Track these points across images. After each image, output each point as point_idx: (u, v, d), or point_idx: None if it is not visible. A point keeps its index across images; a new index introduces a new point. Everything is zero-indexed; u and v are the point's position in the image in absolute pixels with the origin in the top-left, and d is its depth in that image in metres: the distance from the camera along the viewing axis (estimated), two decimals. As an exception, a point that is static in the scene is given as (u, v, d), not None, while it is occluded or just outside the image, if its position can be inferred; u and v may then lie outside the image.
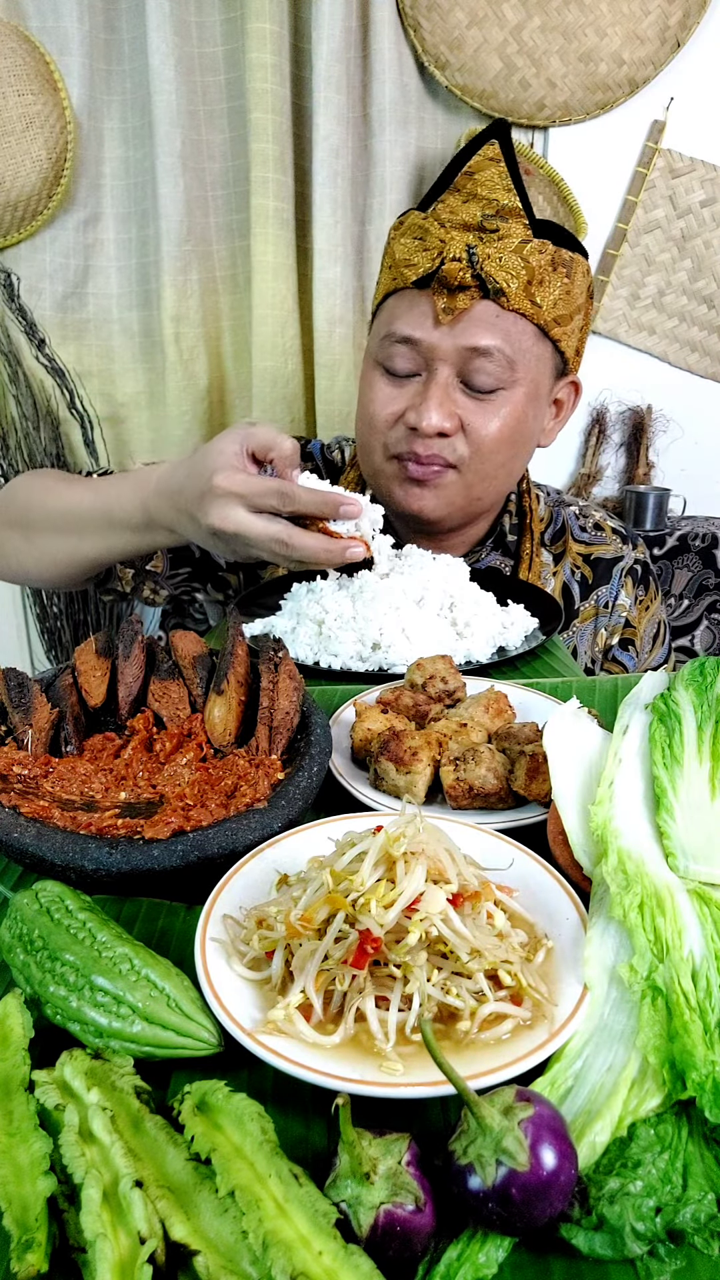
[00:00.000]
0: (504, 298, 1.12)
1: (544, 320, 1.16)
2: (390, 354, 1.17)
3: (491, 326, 1.13)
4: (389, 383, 1.19)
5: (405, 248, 1.16)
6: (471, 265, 1.11)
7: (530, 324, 1.15)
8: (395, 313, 1.17)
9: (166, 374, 2.15)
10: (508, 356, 1.14)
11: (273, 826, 0.62)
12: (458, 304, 1.12)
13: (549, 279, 1.15)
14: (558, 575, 1.34)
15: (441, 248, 1.12)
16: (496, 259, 1.11)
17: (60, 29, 1.96)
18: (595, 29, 2.01)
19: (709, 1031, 0.46)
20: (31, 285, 2.11)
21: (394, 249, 1.18)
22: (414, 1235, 0.39)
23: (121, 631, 0.80)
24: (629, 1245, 0.39)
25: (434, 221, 1.14)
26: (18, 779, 0.67)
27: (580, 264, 1.19)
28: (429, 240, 1.14)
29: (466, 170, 1.14)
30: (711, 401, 2.40)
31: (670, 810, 0.58)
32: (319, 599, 1.06)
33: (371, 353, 1.23)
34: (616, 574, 1.34)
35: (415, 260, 1.14)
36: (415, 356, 1.16)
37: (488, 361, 1.13)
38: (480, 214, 1.13)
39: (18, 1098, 0.44)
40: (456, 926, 0.49)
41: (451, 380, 1.15)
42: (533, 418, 1.21)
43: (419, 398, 1.16)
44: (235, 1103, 0.42)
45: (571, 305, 1.19)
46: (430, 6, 1.98)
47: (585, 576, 1.34)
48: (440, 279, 1.11)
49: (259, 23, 1.89)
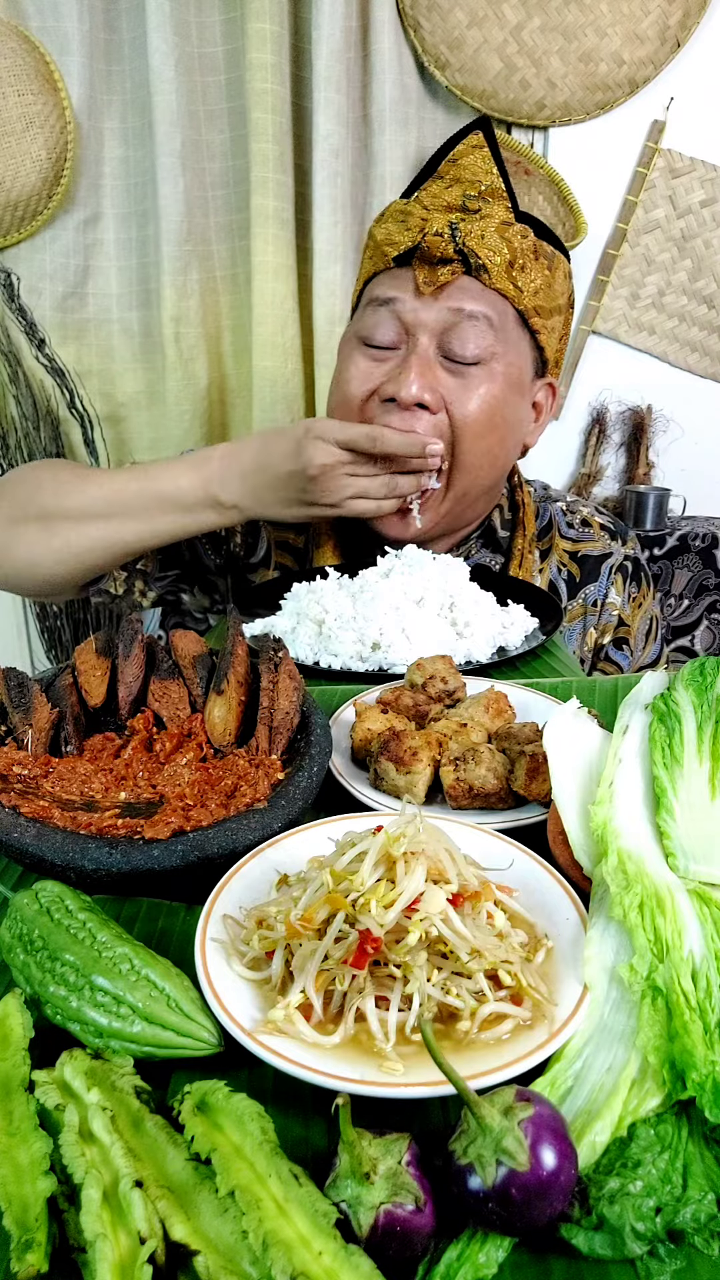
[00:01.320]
0: (486, 274, 1.11)
1: (524, 306, 1.14)
2: (371, 323, 1.16)
3: (475, 296, 1.13)
4: (367, 357, 1.17)
5: (385, 231, 1.16)
6: (454, 239, 1.10)
7: (512, 307, 1.14)
8: (375, 288, 1.17)
9: (166, 374, 2.15)
10: (491, 321, 1.12)
11: (273, 826, 0.62)
12: (439, 277, 1.11)
13: (530, 265, 1.13)
14: (544, 573, 1.31)
15: (423, 224, 1.12)
16: (479, 235, 1.10)
17: (60, 29, 1.97)
18: (595, 29, 2.01)
19: (709, 1031, 0.46)
20: (31, 285, 2.11)
21: (375, 235, 1.18)
22: (414, 1235, 0.39)
23: (121, 631, 0.80)
24: (629, 1245, 0.39)
25: (416, 205, 1.15)
26: (18, 779, 0.67)
27: (561, 264, 1.18)
28: (410, 220, 1.13)
29: (450, 158, 1.15)
30: (711, 401, 2.40)
31: (670, 810, 0.58)
32: (319, 599, 1.06)
33: (350, 331, 1.22)
34: (605, 571, 1.31)
35: (396, 239, 1.13)
36: (396, 325, 1.15)
37: (471, 326, 1.12)
38: (463, 195, 1.13)
39: (18, 1098, 0.44)
40: (456, 926, 0.49)
41: (432, 352, 1.14)
42: (513, 406, 1.19)
43: (398, 369, 1.14)
44: (235, 1103, 0.42)
45: (552, 301, 1.17)
46: (430, 6, 1.98)
47: (572, 574, 1.31)
48: (422, 252, 1.11)
49: (259, 23, 1.89)
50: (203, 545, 1.32)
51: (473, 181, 1.14)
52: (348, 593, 1.06)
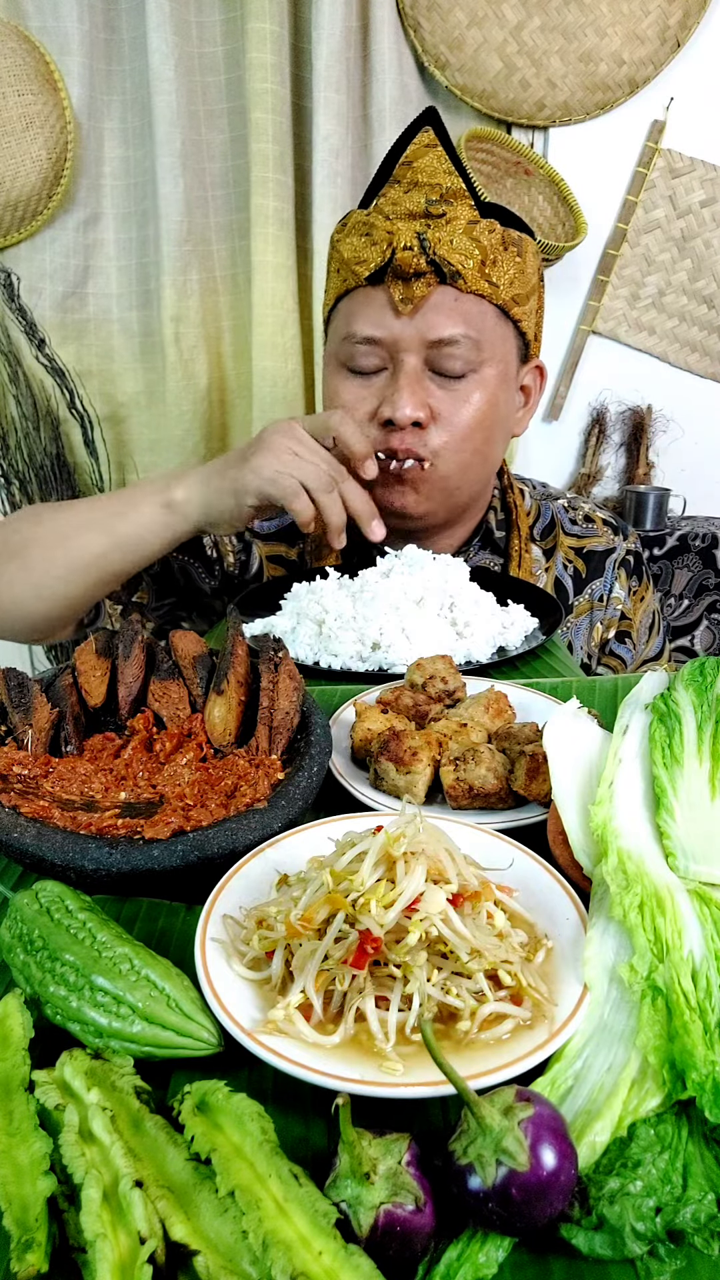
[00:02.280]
0: (461, 280, 1.11)
1: (503, 300, 1.15)
2: (353, 354, 1.16)
3: (452, 313, 1.12)
4: (356, 383, 1.18)
5: (352, 246, 1.14)
6: (424, 251, 1.09)
7: (490, 305, 1.14)
8: (352, 313, 1.16)
9: (166, 374, 2.15)
10: (473, 339, 1.13)
11: (273, 826, 0.62)
12: (415, 292, 1.11)
13: (501, 258, 1.13)
14: (550, 570, 1.32)
15: (390, 239, 1.10)
16: (448, 242, 1.09)
17: (60, 29, 1.97)
18: (595, 29, 2.01)
19: (709, 1031, 0.46)
20: (31, 285, 2.11)
21: (340, 250, 1.16)
22: (414, 1235, 0.39)
23: (121, 631, 0.80)
24: (629, 1245, 0.39)
25: (378, 215, 1.13)
26: (18, 779, 0.67)
27: (529, 244, 1.18)
28: (376, 234, 1.12)
29: (404, 161, 1.14)
30: (711, 401, 2.40)
31: (670, 810, 0.58)
32: (319, 599, 1.06)
33: (332, 356, 1.21)
34: (609, 566, 1.32)
35: (364, 256, 1.12)
36: (380, 352, 1.15)
37: (454, 349, 1.13)
38: (424, 200, 1.11)
39: (18, 1098, 0.44)
40: (456, 926, 0.49)
41: (420, 368, 1.14)
42: (505, 401, 1.20)
43: (389, 390, 1.15)
44: (235, 1103, 0.42)
45: (526, 285, 1.18)
46: (430, 6, 1.98)
47: (578, 570, 1.32)
48: (394, 270, 1.10)
49: (259, 23, 1.89)
50: (196, 569, 1.32)
51: (432, 185, 1.12)
52: (348, 593, 1.06)
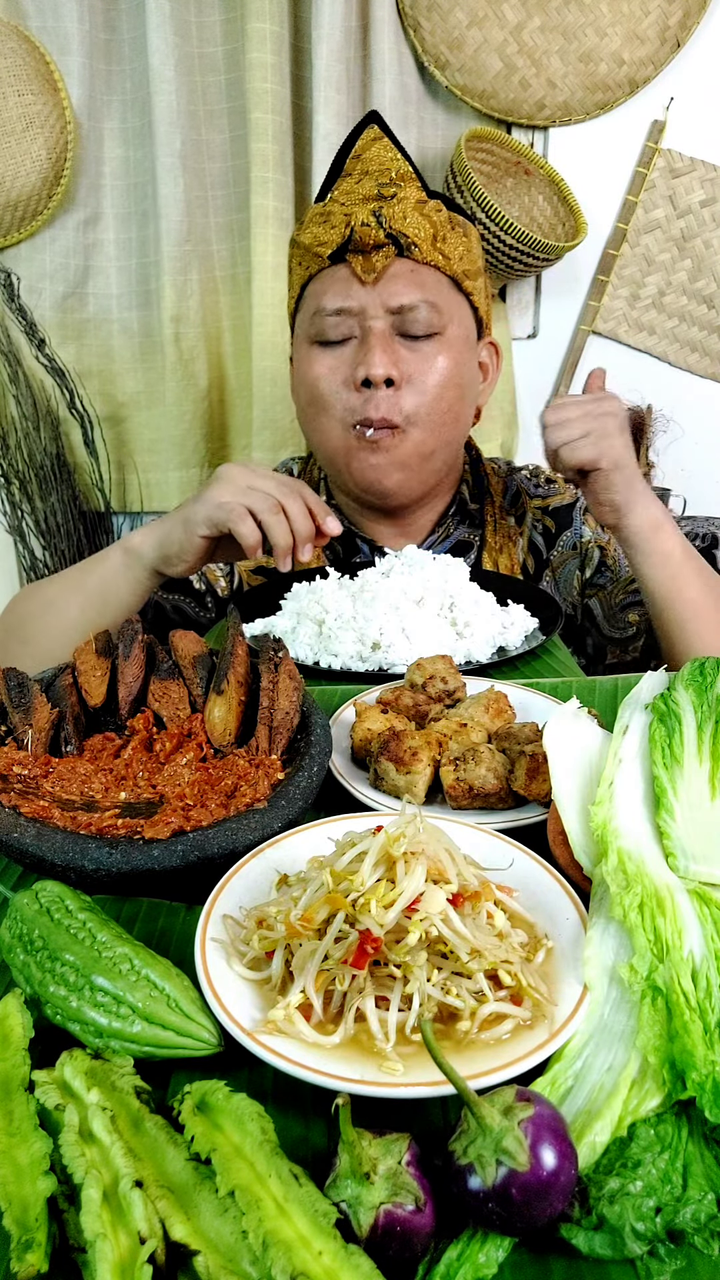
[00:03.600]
0: (417, 249, 1.19)
1: (455, 272, 1.24)
2: (323, 327, 1.23)
3: (410, 280, 1.20)
4: (328, 354, 1.24)
5: (312, 234, 1.22)
6: (381, 225, 1.18)
7: (444, 275, 1.23)
8: (319, 291, 1.23)
9: (166, 374, 2.15)
10: (431, 303, 1.21)
11: (273, 826, 0.62)
12: (375, 264, 1.19)
13: (450, 235, 1.23)
14: (524, 534, 1.39)
15: (347, 219, 1.19)
16: (401, 217, 1.19)
17: (60, 29, 1.96)
18: (595, 29, 2.01)
19: (709, 1031, 0.46)
20: (31, 285, 2.10)
21: (301, 241, 1.24)
22: (414, 1235, 0.39)
23: (121, 631, 0.80)
24: (629, 1245, 0.39)
25: (334, 204, 1.22)
26: (18, 779, 0.67)
27: (472, 230, 1.28)
28: (333, 219, 1.20)
29: (354, 155, 1.23)
30: (711, 401, 2.40)
31: (670, 810, 0.58)
32: (319, 599, 1.06)
33: (302, 337, 1.28)
34: (575, 515, 1.39)
35: (325, 239, 1.21)
36: (348, 322, 1.22)
37: (417, 312, 1.20)
38: (376, 185, 1.20)
39: (18, 1098, 0.44)
40: (456, 926, 0.49)
41: (388, 330, 1.21)
42: (468, 364, 1.28)
43: (361, 352, 1.21)
44: (235, 1103, 0.42)
45: (474, 264, 1.27)
46: (430, 6, 1.98)
47: (548, 527, 1.39)
48: (354, 244, 1.18)
49: (259, 23, 1.89)
50: (188, 605, 1.36)
51: (382, 170, 1.21)
52: (348, 593, 1.06)
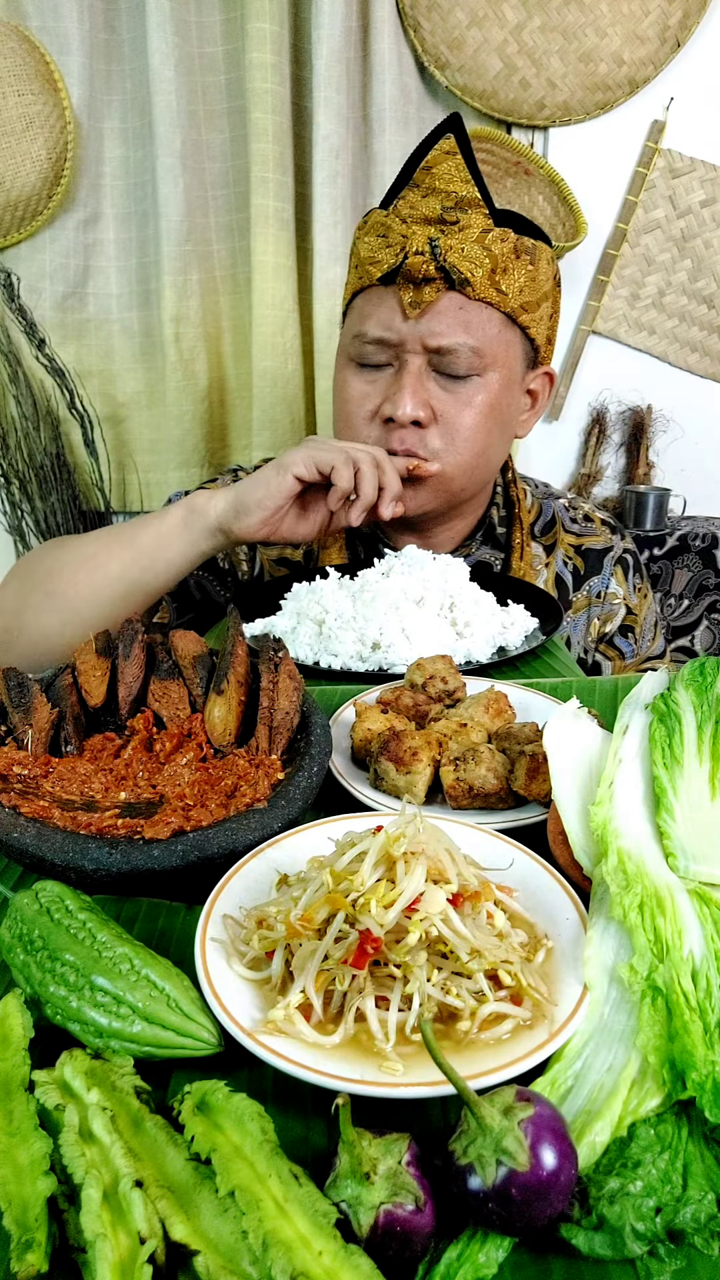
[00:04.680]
0: (469, 287, 1.13)
1: (510, 308, 1.17)
2: (362, 351, 1.20)
3: (455, 320, 1.15)
4: (362, 378, 1.21)
5: (369, 246, 1.18)
6: (434, 258, 1.12)
7: (497, 312, 1.17)
8: (364, 312, 1.20)
9: (166, 374, 2.15)
10: (472, 348, 1.16)
11: (273, 826, 0.62)
12: (424, 297, 1.14)
13: (512, 266, 1.16)
14: (550, 566, 1.35)
15: (404, 243, 1.13)
16: (459, 250, 1.12)
17: (60, 29, 1.97)
18: (595, 29, 2.01)
19: (709, 1031, 0.46)
20: (31, 285, 2.11)
21: (359, 248, 1.20)
22: (414, 1235, 0.39)
23: (121, 631, 0.80)
24: (629, 1245, 0.39)
25: (395, 218, 1.16)
26: (18, 779, 0.67)
27: (544, 251, 1.20)
28: (391, 237, 1.15)
29: (424, 166, 1.16)
30: (711, 401, 2.40)
31: (670, 810, 0.58)
32: (319, 599, 1.06)
33: (344, 349, 1.25)
34: (607, 564, 1.36)
35: (379, 257, 1.16)
36: (386, 351, 1.19)
37: (456, 356, 1.16)
38: (440, 207, 1.14)
39: (18, 1098, 0.44)
40: (456, 926, 0.49)
41: (424, 369, 1.17)
42: (507, 405, 1.23)
43: (393, 389, 1.18)
44: (235, 1103, 0.42)
45: (537, 292, 1.20)
46: (430, 6, 1.98)
47: (577, 567, 1.35)
48: (405, 273, 1.13)
49: (259, 23, 1.89)
50: (210, 583, 1.34)
51: (448, 193, 1.14)
52: (348, 593, 1.06)
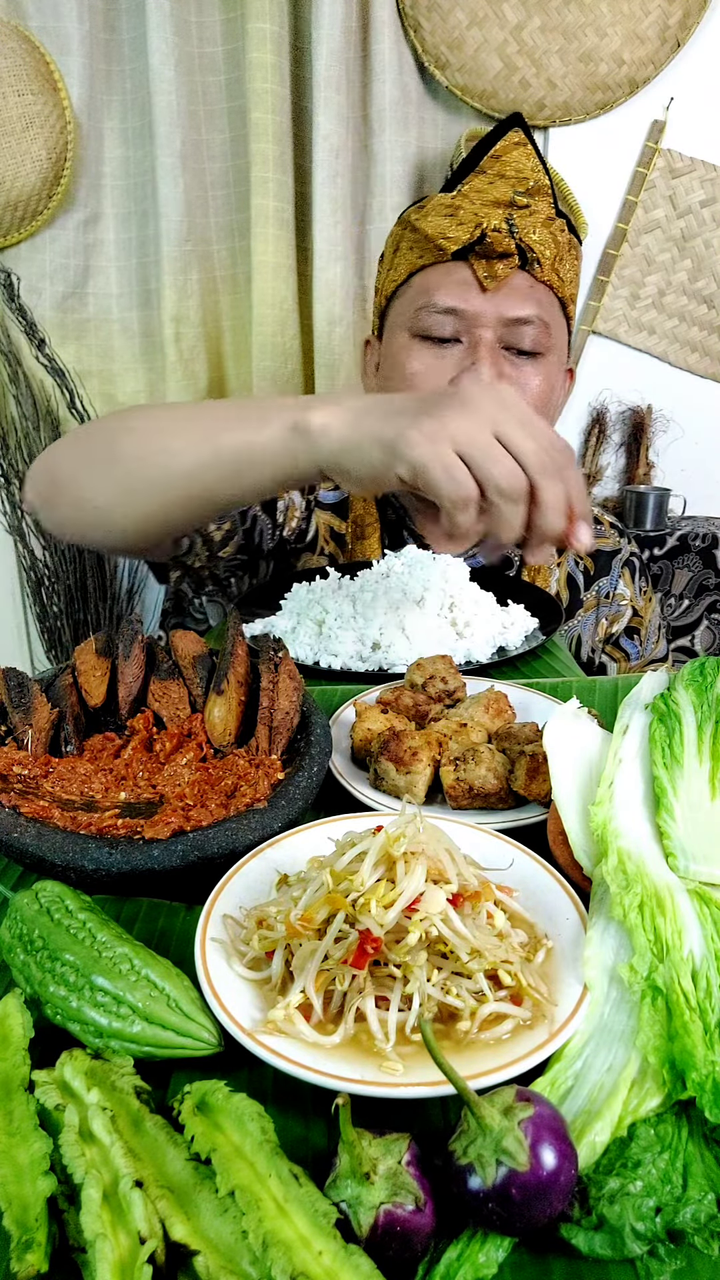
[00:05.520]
0: (538, 267, 1.18)
1: (565, 295, 1.23)
2: (429, 324, 1.21)
3: (529, 295, 1.19)
4: (430, 351, 1.22)
5: (436, 225, 1.20)
6: (512, 235, 1.16)
7: (555, 296, 1.22)
8: (433, 285, 1.21)
9: (166, 374, 2.15)
10: (545, 322, 1.20)
11: (273, 826, 0.62)
12: (498, 271, 1.17)
13: (566, 258, 1.22)
14: (562, 566, 1.37)
15: (478, 220, 1.17)
16: (531, 231, 1.18)
17: (60, 29, 1.96)
18: (595, 29, 2.01)
19: (709, 1031, 0.46)
20: (31, 285, 2.11)
21: (423, 228, 1.21)
22: (414, 1235, 0.39)
23: (121, 631, 0.80)
24: (629, 1245, 0.39)
25: (464, 200, 1.19)
26: (18, 779, 0.67)
27: (580, 252, 1.26)
28: (462, 215, 1.18)
29: (493, 154, 1.19)
30: (711, 401, 2.40)
31: (670, 810, 0.58)
32: (319, 599, 1.06)
33: (402, 326, 1.25)
34: (615, 566, 1.38)
35: (451, 234, 1.18)
36: (457, 323, 1.20)
37: (529, 328, 1.19)
38: (511, 192, 1.18)
39: (18, 1098, 0.44)
40: (456, 926, 0.49)
41: (496, 343, 1.20)
42: (557, 391, 1.27)
43: (467, 361, 1.20)
44: (235, 1103, 0.42)
45: (577, 288, 1.26)
46: (430, 6, 1.98)
47: (587, 568, 1.38)
48: (483, 248, 1.17)
49: (259, 23, 1.89)
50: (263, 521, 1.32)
51: (520, 178, 1.19)
52: (347, 592, 1.06)
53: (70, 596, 2.25)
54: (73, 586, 2.23)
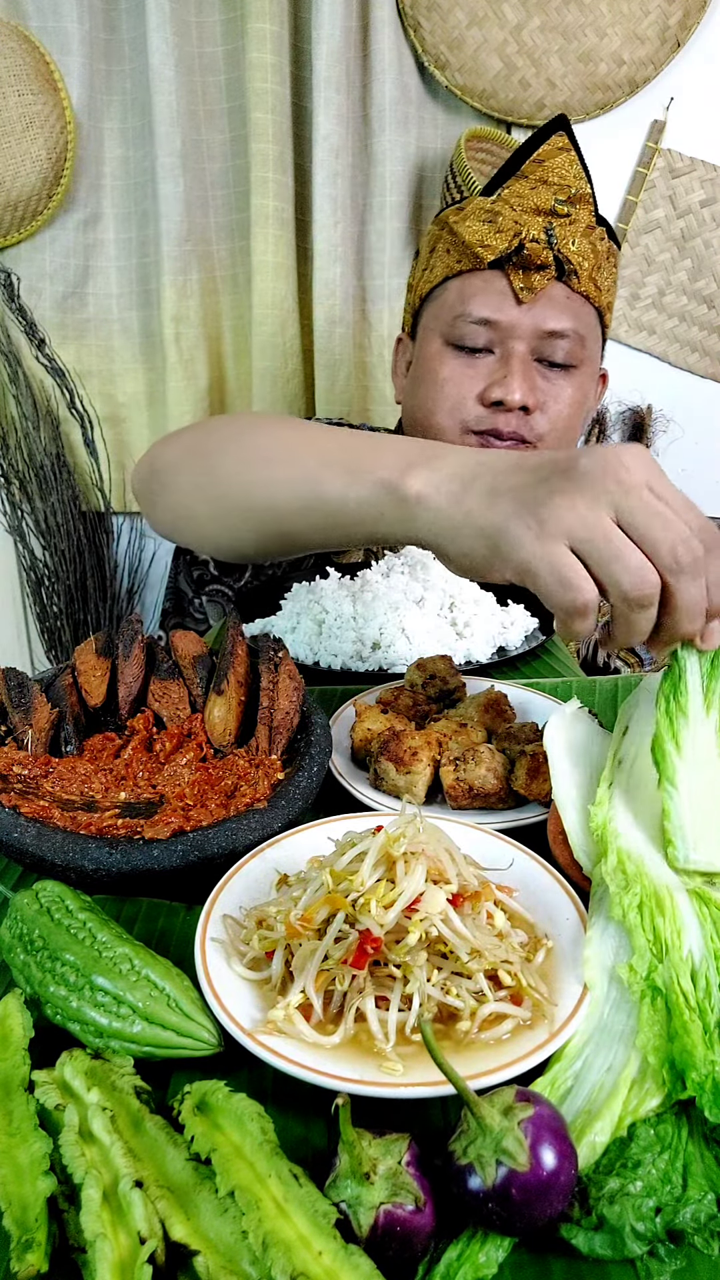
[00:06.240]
0: (575, 278, 1.17)
1: (602, 304, 1.22)
2: (463, 333, 1.20)
3: (564, 307, 1.18)
4: (462, 361, 1.22)
5: (474, 231, 1.18)
6: (550, 246, 1.15)
7: (592, 307, 1.21)
8: (469, 294, 1.20)
9: (166, 374, 2.15)
10: (580, 335, 1.19)
11: (273, 826, 0.62)
12: (535, 283, 1.16)
13: (604, 266, 1.21)
14: None
15: (517, 229, 1.15)
16: (570, 241, 1.16)
17: (60, 29, 1.96)
18: (595, 29, 2.01)
19: (708, 1031, 0.46)
20: (31, 285, 2.11)
21: (460, 233, 1.20)
22: (414, 1235, 0.39)
23: (121, 631, 0.80)
24: (629, 1245, 0.39)
25: (504, 205, 1.17)
26: (18, 779, 0.67)
27: (618, 258, 1.26)
28: (501, 223, 1.17)
29: (535, 158, 1.17)
30: (711, 401, 2.40)
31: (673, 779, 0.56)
32: (319, 599, 1.06)
33: (435, 332, 1.25)
34: None
35: (490, 242, 1.17)
36: (490, 334, 1.20)
37: (563, 341, 1.18)
38: (553, 199, 1.16)
39: (18, 1098, 0.44)
40: (456, 926, 0.49)
41: (528, 356, 1.20)
42: (589, 401, 1.27)
43: (500, 373, 1.19)
44: (235, 1103, 0.42)
45: (614, 295, 1.26)
46: (430, 6, 1.98)
47: None
48: (521, 258, 1.15)
49: (259, 23, 1.89)
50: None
51: (561, 185, 1.16)
52: (347, 592, 1.06)
53: (70, 596, 2.25)
54: (73, 586, 2.23)
